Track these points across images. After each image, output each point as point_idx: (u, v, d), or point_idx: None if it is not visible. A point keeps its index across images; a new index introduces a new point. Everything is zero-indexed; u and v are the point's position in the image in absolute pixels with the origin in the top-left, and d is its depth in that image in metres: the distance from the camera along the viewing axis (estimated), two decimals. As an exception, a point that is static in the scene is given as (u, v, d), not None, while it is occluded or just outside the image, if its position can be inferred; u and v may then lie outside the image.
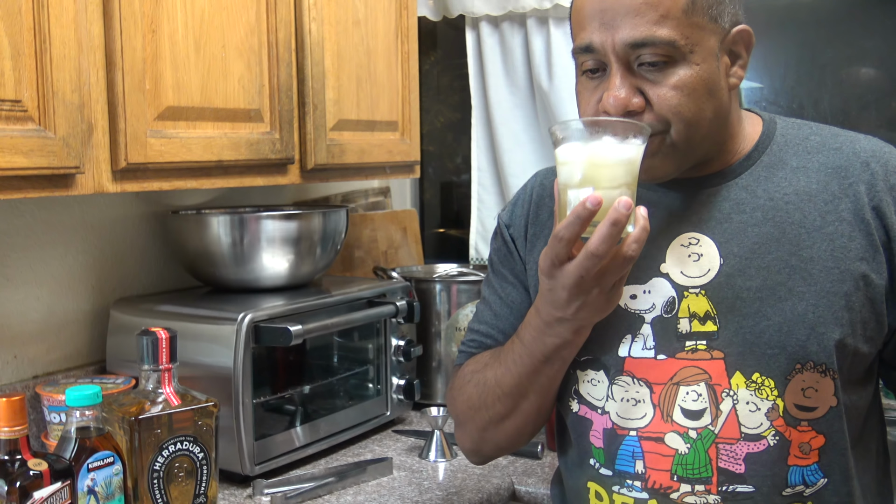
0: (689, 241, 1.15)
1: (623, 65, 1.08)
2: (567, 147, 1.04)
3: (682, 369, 1.12)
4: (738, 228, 1.14)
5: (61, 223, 1.74)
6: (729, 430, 1.10)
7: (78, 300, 1.78)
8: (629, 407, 1.15)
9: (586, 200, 0.97)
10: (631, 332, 1.15)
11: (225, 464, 1.56)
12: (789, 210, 1.13)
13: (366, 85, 1.89)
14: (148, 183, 1.45)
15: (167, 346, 1.33)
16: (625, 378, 1.15)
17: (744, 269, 1.12)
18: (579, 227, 0.98)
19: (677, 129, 1.09)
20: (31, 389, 1.62)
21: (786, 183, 1.15)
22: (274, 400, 1.71)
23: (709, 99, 1.09)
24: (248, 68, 1.59)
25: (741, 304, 1.11)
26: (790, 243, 1.11)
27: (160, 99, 1.44)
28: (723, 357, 1.11)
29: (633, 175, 1.03)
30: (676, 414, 1.12)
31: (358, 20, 1.86)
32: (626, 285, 1.15)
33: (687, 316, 1.13)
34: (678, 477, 1.12)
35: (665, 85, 1.07)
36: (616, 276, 1.03)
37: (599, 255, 0.99)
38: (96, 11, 1.35)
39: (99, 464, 1.25)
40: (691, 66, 1.07)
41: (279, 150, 1.66)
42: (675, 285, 1.14)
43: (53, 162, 1.27)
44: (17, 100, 1.22)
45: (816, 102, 2.28)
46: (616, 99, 1.07)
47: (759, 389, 1.10)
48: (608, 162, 1.02)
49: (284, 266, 1.78)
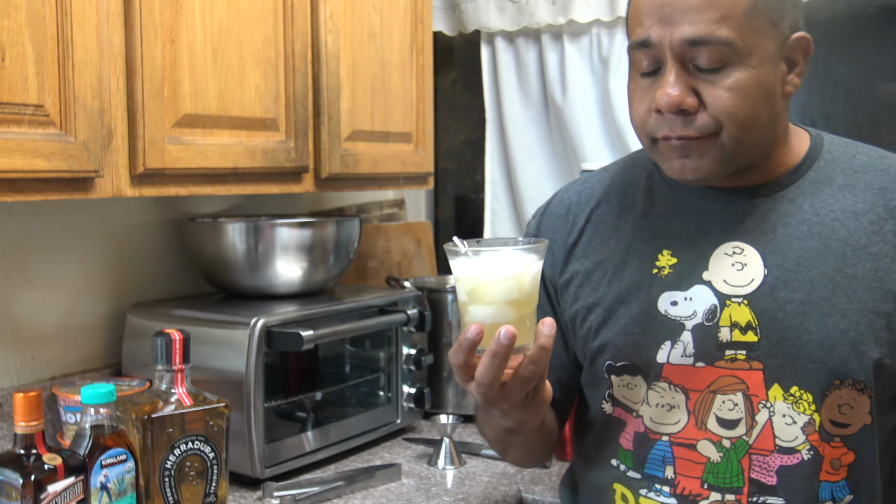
0: (734, 251, 1.14)
1: (679, 62, 1.06)
2: (457, 262, 1.03)
3: (719, 378, 1.12)
4: (783, 241, 1.12)
5: (81, 228, 1.78)
6: (763, 442, 1.10)
7: (95, 304, 1.81)
8: (663, 412, 1.15)
9: (468, 329, 0.96)
10: (671, 338, 1.14)
11: (236, 466, 1.58)
12: (835, 227, 1.11)
13: (380, 96, 1.92)
14: (165, 188, 1.48)
15: (180, 347, 1.36)
16: (661, 384, 1.15)
17: (788, 282, 1.10)
18: (465, 356, 0.98)
19: (729, 132, 1.07)
20: (49, 390, 1.65)
21: (832, 200, 1.13)
22: (286, 405, 1.74)
23: (764, 103, 1.08)
24: (264, 78, 1.62)
25: (784, 316, 1.09)
26: (835, 259, 1.10)
27: (178, 106, 1.47)
28: (762, 368, 1.10)
29: (527, 293, 1.01)
30: (711, 422, 1.12)
31: (373, 33, 1.89)
32: (668, 292, 1.15)
33: (728, 325, 1.11)
34: (708, 485, 1.12)
35: (720, 86, 1.05)
36: (522, 393, 1.01)
37: (486, 384, 0.98)
38: (118, 20, 1.38)
39: (112, 461, 1.27)
40: (748, 68, 1.05)
41: (294, 158, 1.69)
42: (717, 293, 1.13)
43: (73, 166, 1.30)
44: (39, 105, 1.26)
45: (828, 119, 2.29)
46: (669, 97, 1.06)
47: (796, 403, 1.09)
48: (495, 279, 1.00)
49: (298, 273, 1.81)
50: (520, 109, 2.47)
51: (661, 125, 1.09)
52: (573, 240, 1.26)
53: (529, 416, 1.08)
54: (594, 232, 1.25)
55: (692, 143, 1.08)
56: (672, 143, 1.10)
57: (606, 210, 1.25)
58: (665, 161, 1.13)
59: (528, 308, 1.01)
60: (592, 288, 1.22)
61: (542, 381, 1.03)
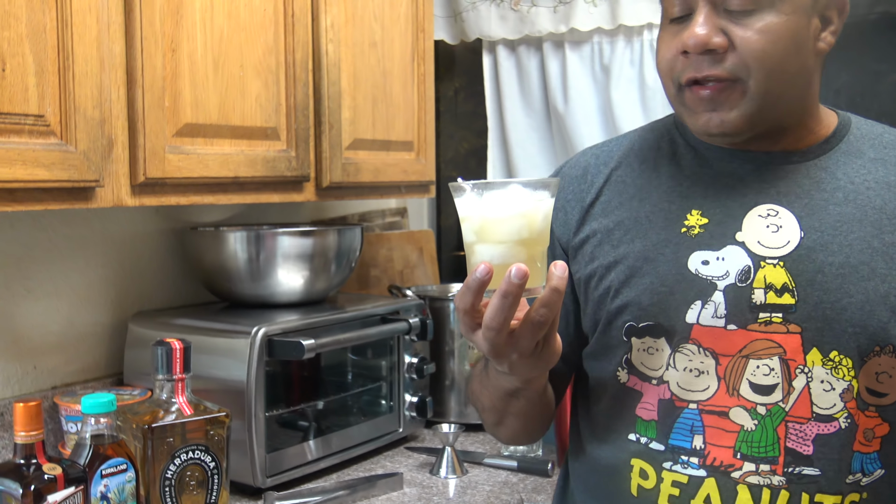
0: (768, 213, 1.11)
1: (710, 4, 1.05)
2: (462, 201, 0.97)
3: (753, 342, 1.07)
4: (819, 205, 1.10)
5: (82, 237, 1.78)
6: (800, 409, 1.06)
7: (97, 313, 1.81)
8: (691, 378, 1.09)
9: (476, 269, 0.90)
10: (701, 298, 1.09)
11: (237, 476, 1.58)
12: (870, 196, 1.10)
13: (381, 105, 1.93)
14: (166, 197, 1.48)
15: (181, 357, 1.36)
16: (690, 346, 1.10)
17: (826, 245, 1.08)
18: (472, 298, 0.92)
19: (757, 79, 1.05)
20: (50, 399, 1.65)
21: (864, 171, 1.12)
22: (287, 414, 1.73)
23: (794, 53, 1.06)
24: (265, 87, 1.63)
25: (822, 278, 1.06)
26: (872, 226, 1.08)
27: (179, 116, 1.47)
28: (800, 332, 1.06)
29: (539, 231, 0.95)
30: (744, 388, 1.07)
31: (374, 42, 1.90)
32: (698, 251, 1.11)
33: (762, 287, 1.08)
34: (742, 455, 1.07)
35: (751, 28, 1.04)
36: (532, 341, 0.95)
37: (495, 328, 0.92)
38: (118, 31, 1.39)
39: (112, 470, 1.27)
40: (780, 14, 1.04)
41: (295, 167, 1.69)
42: (751, 254, 1.09)
43: (74, 175, 1.30)
44: (40, 115, 1.26)
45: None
46: (697, 36, 1.04)
47: (835, 368, 1.05)
48: (504, 216, 0.93)
49: (299, 282, 1.81)
50: (522, 118, 2.48)
51: (688, 67, 1.08)
52: (591, 199, 1.22)
53: (538, 371, 1.02)
54: (614, 192, 1.20)
55: (720, 93, 1.07)
56: (699, 92, 1.08)
57: (627, 171, 1.21)
58: (690, 114, 1.11)
59: (539, 248, 0.96)
60: (613, 246, 1.17)
61: (553, 328, 0.96)
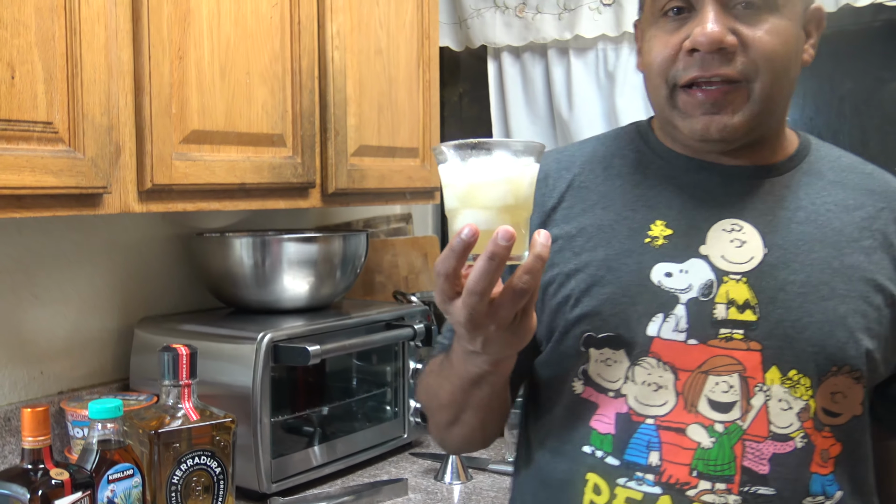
0: (732, 227, 1.10)
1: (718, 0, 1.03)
2: (446, 167, 0.94)
3: (713, 357, 1.06)
4: (782, 223, 1.10)
5: (89, 243, 1.79)
6: (757, 428, 1.05)
7: (103, 319, 1.82)
8: (649, 392, 1.07)
9: (461, 231, 0.86)
10: (663, 311, 1.08)
11: (242, 481, 1.58)
12: (829, 217, 1.11)
13: (387, 112, 1.93)
14: (172, 204, 1.49)
15: (187, 363, 1.37)
16: (649, 360, 1.08)
17: (788, 263, 1.07)
18: (455, 262, 0.87)
19: (763, 81, 1.05)
20: (56, 405, 1.65)
21: (825, 193, 1.13)
22: (292, 419, 1.74)
23: (795, 59, 1.07)
24: (271, 94, 1.63)
25: (784, 296, 1.06)
26: (831, 247, 1.09)
27: (186, 123, 1.48)
28: (760, 349, 1.05)
29: (524, 198, 0.93)
30: (702, 405, 1.06)
31: (380, 49, 1.90)
32: (662, 262, 1.09)
33: (725, 302, 1.07)
34: (698, 472, 1.05)
35: (760, 29, 1.03)
36: (512, 310, 0.91)
37: (478, 293, 0.87)
38: (126, 38, 1.40)
39: (119, 476, 1.28)
40: (784, 18, 1.05)
41: (301, 174, 1.70)
42: (714, 268, 1.08)
43: (82, 182, 1.31)
44: (48, 122, 1.27)
45: (835, 133, 2.29)
46: (710, 34, 1.01)
47: (794, 388, 1.05)
48: (489, 181, 0.91)
49: (305, 288, 1.82)
50: (526, 124, 2.48)
51: (691, 66, 1.05)
52: (552, 204, 1.18)
53: (512, 349, 0.98)
54: (576, 198, 1.17)
55: (725, 96, 1.05)
56: (698, 95, 1.06)
57: (590, 177, 1.18)
58: (685, 118, 1.09)
59: (524, 214, 0.93)
60: (574, 253, 1.13)
61: (532, 300, 0.92)
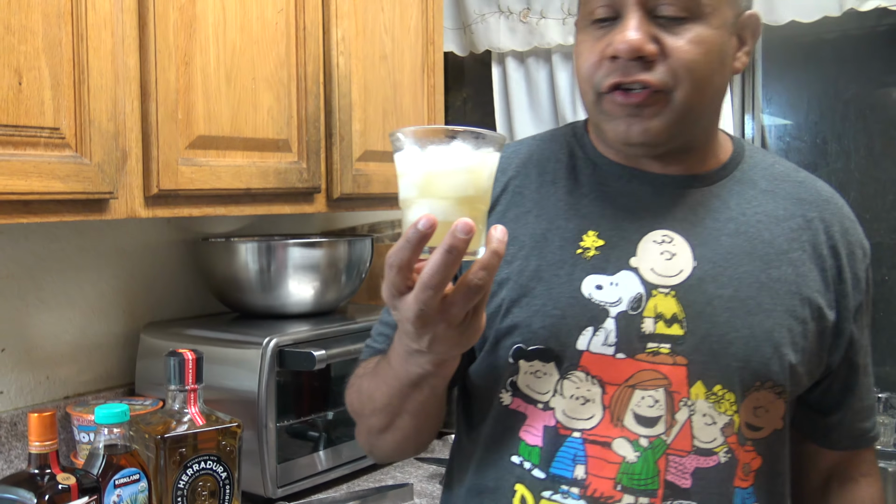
0: (663, 238, 1.09)
1: (642, 8, 1.02)
2: (403, 154, 0.89)
3: (640, 371, 1.05)
4: (711, 235, 1.09)
5: (95, 248, 1.79)
6: (681, 442, 1.04)
7: (109, 323, 1.82)
8: (577, 406, 1.06)
9: (418, 221, 0.82)
10: (593, 324, 1.06)
11: (248, 486, 1.59)
12: (759, 229, 1.10)
13: (392, 117, 1.94)
14: (178, 209, 1.49)
15: (193, 367, 1.37)
16: (578, 373, 1.06)
17: (717, 277, 1.07)
18: (410, 253, 0.83)
19: (684, 89, 1.03)
20: (62, 409, 1.66)
21: (756, 202, 1.13)
22: (298, 424, 1.74)
23: (719, 68, 1.05)
24: (277, 100, 1.64)
25: (711, 311, 1.05)
26: (760, 260, 1.08)
27: (192, 128, 1.49)
28: (686, 364, 1.04)
29: (483, 189, 0.89)
30: (628, 419, 1.05)
31: (385, 55, 1.91)
32: (593, 275, 1.07)
33: (653, 316, 1.05)
34: (622, 487, 1.04)
35: (682, 38, 1.02)
36: (464, 308, 0.86)
37: (433, 287, 0.83)
38: (133, 44, 1.40)
39: (125, 480, 1.28)
40: (709, 27, 1.03)
41: (306, 179, 1.71)
42: (643, 282, 1.07)
43: (88, 187, 1.32)
44: (55, 127, 1.28)
45: (840, 137, 2.29)
46: (630, 41, 1.00)
47: (718, 403, 1.05)
48: (449, 169, 0.86)
49: (310, 293, 1.82)
50: (530, 129, 2.48)
51: (614, 72, 1.04)
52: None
53: (459, 349, 0.93)
54: (510, 203, 1.15)
55: (644, 100, 1.03)
56: (621, 99, 1.04)
57: (525, 182, 1.16)
58: (610, 121, 1.07)
59: (482, 207, 0.89)
60: (506, 262, 1.10)
61: (484, 299, 0.89)
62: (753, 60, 2.40)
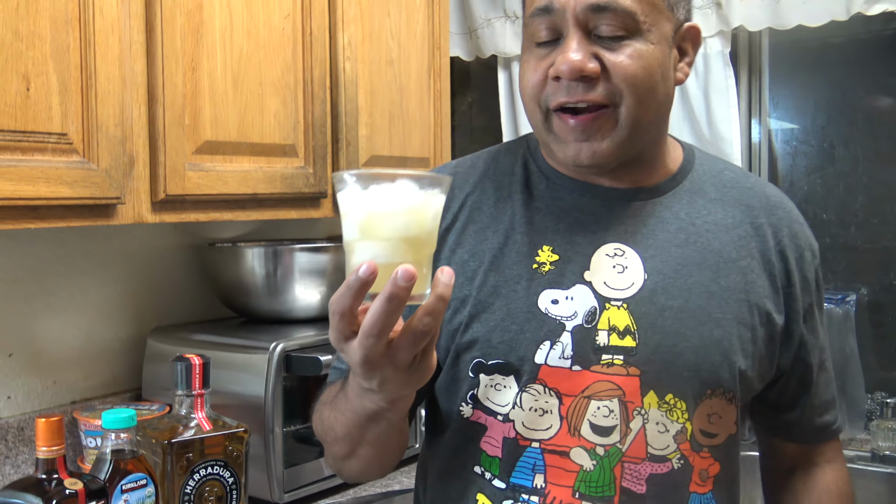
0: (615, 252, 1.12)
1: (581, 29, 1.05)
2: (345, 194, 0.88)
3: (595, 383, 1.08)
4: (662, 246, 1.12)
5: (101, 253, 1.80)
6: (636, 450, 1.07)
7: (116, 328, 1.83)
8: (535, 417, 1.09)
9: (359, 267, 0.80)
10: (550, 338, 1.09)
11: (255, 491, 1.58)
12: (709, 238, 1.13)
13: (398, 122, 1.94)
14: (185, 214, 1.50)
15: (200, 372, 1.37)
16: (536, 386, 1.09)
17: (667, 288, 1.10)
18: (351, 300, 0.82)
19: (628, 104, 1.06)
20: (69, 414, 1.66)
21: (705, 211, 1.16)
22: (304, 429, 1.74)
23: (661, 81, 1.08)
24: (283, 105, 1.64)
25: (662, 322, 1.08)
26: (710, 270, 1.12)
27: (199, 133, 1.49)
28: (639, 374, 1.08)
29: (427, 231, 0.88)
30: (585, 429, 1.08)
31: (391, 59, 1.91)
32: (549, 289, 1.10)
33: (606, 328, 1.09)
34: (580, 494, 1.07)
35: (622, 54, 1.05)
36: (411, 353, 0.86)
37: (375, 335, 0.82)
38: (140, 50, 1.41)
39: (132, 485, 1.28)
40: (647, 43, 1.06)
41: (313, 184, 1.71)
42: (597, 295, 1.10)
43: (96, 192, 1.32)
44: (63, 133, 1.28)
45: (848, 142, 2.29)
46: (571, 62, 1.03)
47: (670, 411, 1.08)
48: (391, 210, 0.85)
49: (316, 297, 1.82)
50: (537, 133, 2.48)
51: (558, 91, 1.06)
52: (447, 224, 1.17)
53: (409, 388, 0.93)
54: (469, 219, 1.17)
55: (593, 122, 1.06)
56: (569, 121, 1.07)
57: (482, 197, 1.18)
58: (559, 143, 1.09)
59: (426, 250, 0.88)
60: (467, 279, 1.13)
61: (433, 341, 0.89)
62: (760, 65, 2.39)
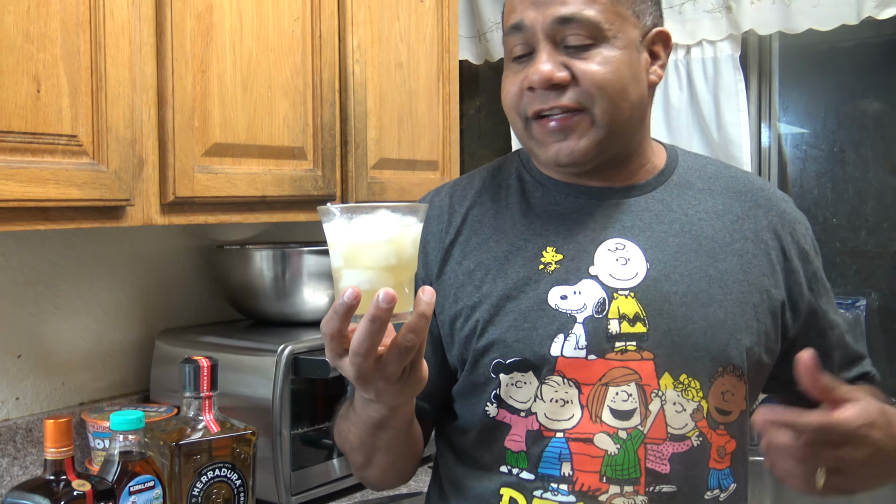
0: (616, 246, 1.18)
1: (550, 42, 1.13)
2: (331, 225, 0.95)
3: (611, 370, 1.13)
4: (659, 237, 1.18)
5: (110, 255, 1.80)
6: (656, 431, 1.12)
7: (124, 330, 1.83)
8: (557, 408, 1.14)
9: (344, 293, 0.89)
10: (563, 331, 1.14)
11: (262, 493, 1.58)
12: (702, 226, 1.20)
13: (407, 125, 1.94)
14: (194, 216, 1.50)
15: (208, 375, 1.37)
16: (555, 378, 1.14)
17: (669, 275, 1.16)
18: (339, 323, 0.91)
19: (601, 107, 1.13)
20: (78, 416, 1.66)
21: (696, 202, 1.22)
22: (312, 432, 1.74)
23: (632, 82, 1.14)
24: (292, 107, 1.64)
25: (669, 307, 1.14)
26: (706, 255, 1.18)
27: (208, 136, 1.49)
28: (652, 358, 1.13)
29: (407, 258, 0.95)
30: (605, 414, 1.12)
31: (400, 63, 1.91)
32: (557, 287, 1.16)
33: (617, 317, 1.14)
34: (607, 478, 1.12)
35: (590, 61, 1.12)
36: (399, 366, 0.94)
37: (362, 354, 0.91)
38: (150, 52, 1.41)
39: (140, 487, 1.28)
40: (614, 49, 1.13)
41: (321, 186, 1.71)
42: (604, 287, 1.15)
43: (105, 194, 1.32)
44: (73, 135, 1.28)
45: (858, 146, 2.28)
46: (541, 72, 1.11)
47: (685, 391, 1.13)
48: (372, 241, 0.93)
49: (325, 300, 1.82)
50: (545, 137, 2.48)
51: (534, 101, 1.14)
52: (450, 239, 1.24)
53: (405, 397, 1.02)
54: (471, 231, 1.24)
55: (568, 121, 1.13)
56: (546, 124, 1.14)
57: (482, 211, 1.25)
58: (539, 146, 1.17)
59: (406, 273, 0.95)
60: (475, 287, 1.19)
61: (419, 354, 0.97)
62: (770, 69, 2.39)
